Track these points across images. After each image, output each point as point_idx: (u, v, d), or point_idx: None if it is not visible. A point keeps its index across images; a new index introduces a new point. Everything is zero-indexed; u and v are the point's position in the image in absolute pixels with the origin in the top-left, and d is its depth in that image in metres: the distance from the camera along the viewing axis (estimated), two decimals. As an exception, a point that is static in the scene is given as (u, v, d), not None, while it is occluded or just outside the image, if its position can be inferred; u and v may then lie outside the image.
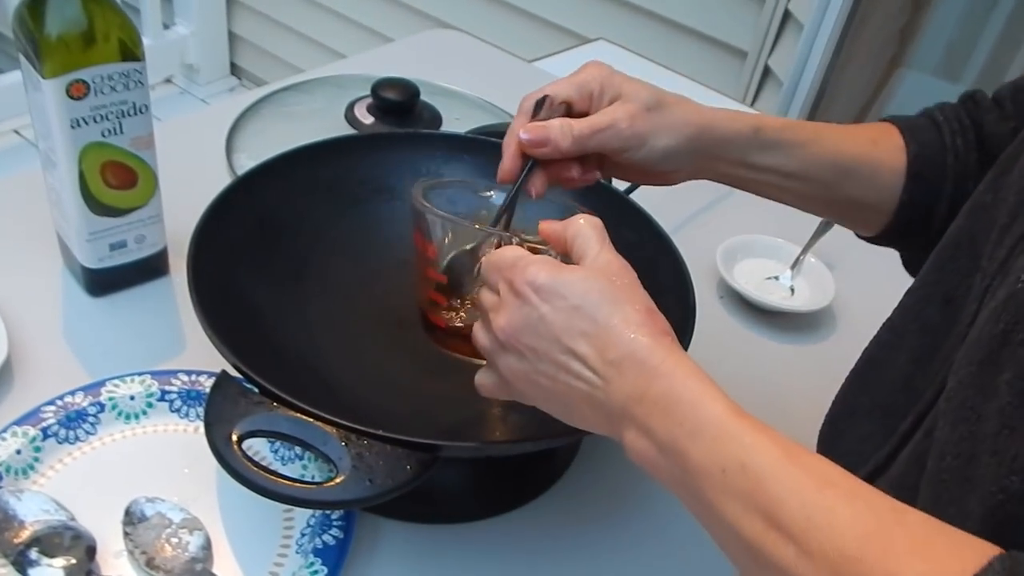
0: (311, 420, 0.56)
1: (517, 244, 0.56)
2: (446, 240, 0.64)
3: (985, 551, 0.37)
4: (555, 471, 0.74)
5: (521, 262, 0.52)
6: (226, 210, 0.72)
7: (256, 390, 0.58)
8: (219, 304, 0.63)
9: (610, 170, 0.68)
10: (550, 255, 0.56)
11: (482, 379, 0.57)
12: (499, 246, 0.58)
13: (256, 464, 0.54)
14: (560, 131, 0.63)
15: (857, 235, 0.75)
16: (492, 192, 0.69)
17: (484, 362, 0.58)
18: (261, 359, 0.60)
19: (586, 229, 0.54)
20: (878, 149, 0.68)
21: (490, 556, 0.68)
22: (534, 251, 0.55)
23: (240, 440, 0.55)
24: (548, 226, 0.56)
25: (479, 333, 0.56)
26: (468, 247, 0.64)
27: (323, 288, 0.77)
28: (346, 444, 0.55)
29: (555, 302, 0.50)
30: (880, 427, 0.59)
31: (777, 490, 0.41)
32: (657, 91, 0.66)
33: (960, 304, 0.54)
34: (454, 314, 0.64)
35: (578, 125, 0.63)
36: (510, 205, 0.64)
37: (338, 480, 0.53)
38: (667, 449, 0.46)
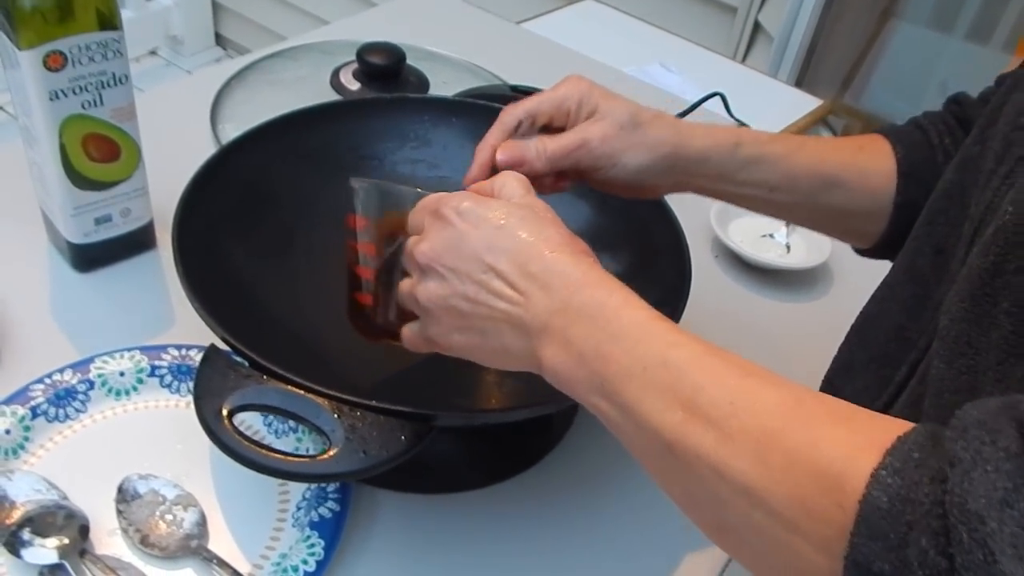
0: (302, 392, 0.55)
1: None
2: (373, 209, 0.64)
3: (907, 425, 0.37)
4: (552, 439, 0.74)
5: (445, 196, 0.53)
6: (211, 180, 0.71)
7: (246, 363, 0.57)
8: (206, 276, 0.62)
9: (591, 183, 0.68)
10: None
11: (406, 330, 0.57)
12: None
13: (247, 438, 0.53)
14: (535, 152, 0.63)
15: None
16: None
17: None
18: (250, 332, 0.59)
19: (512, 179, 0.54)
20: (864, 154, 0.68)
21: (488, 525, 0.68)
22: None
23: (231, 414, 0.54)
24: (477, 185, 0.57)
25: (404, 285, 0.55)
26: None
27: (311, 258, 0.76)
28: (339, 416, 0.54)
29: (478, 223, 0.50)
30: (875, 379, 0.59)
31: (699, 379, 0.41)
32: (634, 108, 0.65)
33: (950, 254, 0.54)
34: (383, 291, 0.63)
35: (552, 145, 0.64)
36: None
37: (331, 453, 0.52)
38: (587, 356, 0.45)
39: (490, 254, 0.49)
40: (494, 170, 0.64)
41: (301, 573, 0.59)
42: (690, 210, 0.79)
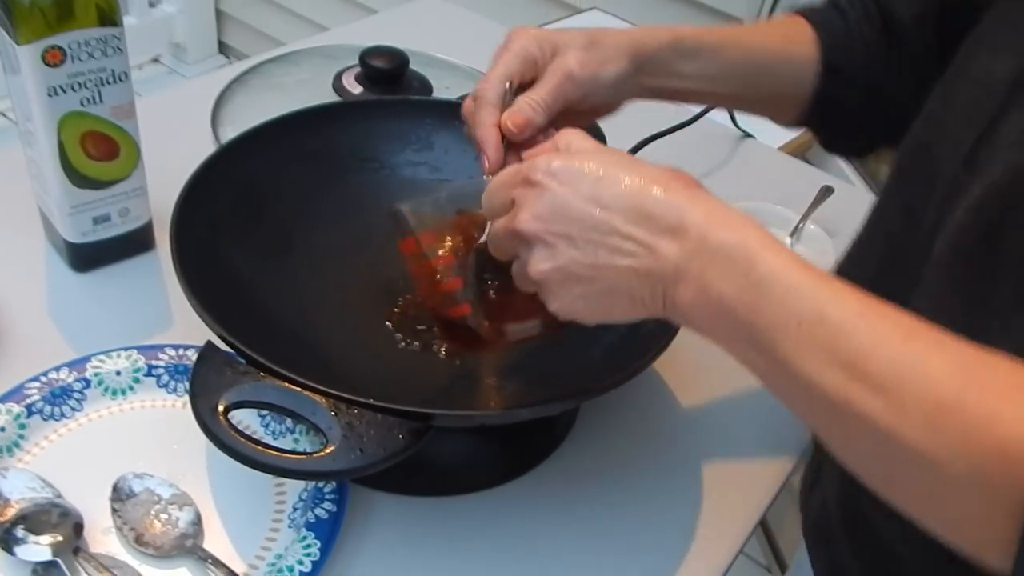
0: (299, 390, 0.54)
1: None
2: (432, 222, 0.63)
3: None
4: (552, 442, 0.73)
5: (527, 164, 0.50)
6: (210, 179, 0.71)
7: (242, 360, 0.57)
8: (203, 274, 0.62)
9: (580, 120, 0.67)
10: None
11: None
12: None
13: (243, 434, 0.52)
14: (532, 107, 0.62)
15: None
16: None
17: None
18: (247, 329, 0.58)
19: (572, 133, 0.53)
20: (792, 44, 0.71)
21: (485, 528, 0.67)
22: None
23: (227, 411, 0.53)
24: (536, 148, 0.55)
25: (514, 266, 0.54)
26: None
27: (310, 258, 0.76)
28: (335, 414, 0.53)
29: (576, 180, 0.48)
30: None
31: (861, 341, 0.40)
32: (585, 31, 0.66)
33: (920, 212, 0.55)
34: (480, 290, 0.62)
35: (541, 93, 0.63)
36: None
37: (327, 450, 0.52)
38: (730, 304, 0.44)
39: (600, 208, 0.47)
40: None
41: (296, 573, 0.58)
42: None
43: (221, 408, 0.53)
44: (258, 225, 0.74)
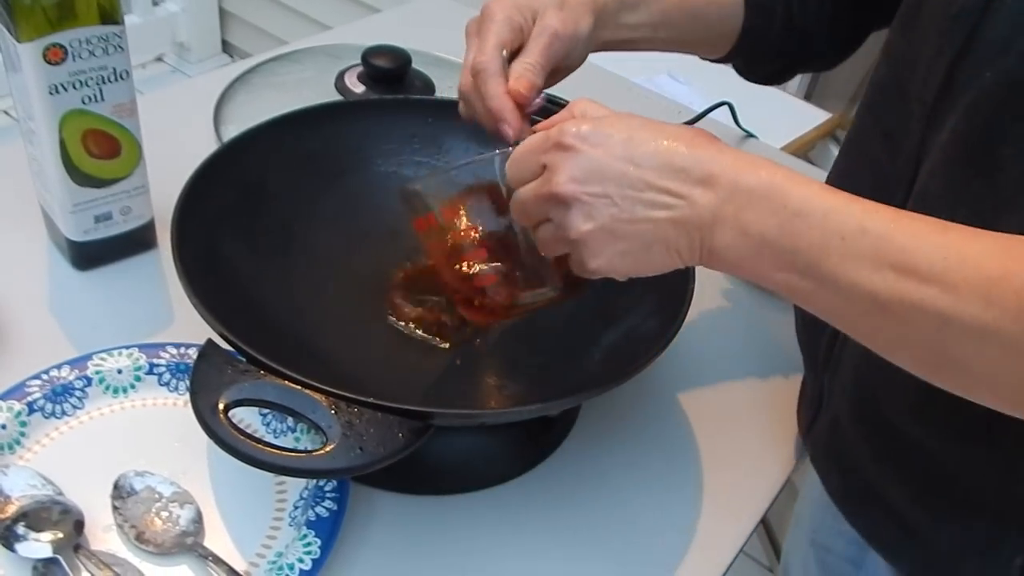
0: (299, 388, 0.54)
1: None
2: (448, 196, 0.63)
3: None
4: (553, 440, 0.73)
5: (554, 131, 0.52)
6: (212, 177, 0.71)
7: (243, 359, 0.57)
8: (204, 273, 0.62)
9: (562, 76, 0.71)
10: None
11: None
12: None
13: (243, 432, 0.52)
14: (532, 71, 0.64)
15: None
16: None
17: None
18: (247, 327, 0.58)
19: (586, 101, 0.55)
20: None
21: (486, 527, 0.67)
22: None
23: (227, 409, 0.53)
24: (548, 120, 0.56)
25: (541, 231, 0.55)
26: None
27: (310, 257, 0.76)
28: (335, 412, 0.53)
29: (607, 142, 0.50)
30: None
31: (903, 241, 0.44)
32: None
33: (900, 136, 0.59)
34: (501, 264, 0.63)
35: (534, 56, 0.65)
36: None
37: (327, 449, 0.52)
38: (770, 236, 0.47)
39: (634, 167, 0.49)
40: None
41: (297, 572, 0.58)
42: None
43: (221, 406, 0.53)
44: (259, 224, 0.74)
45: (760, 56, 0.80)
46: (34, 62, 0.69)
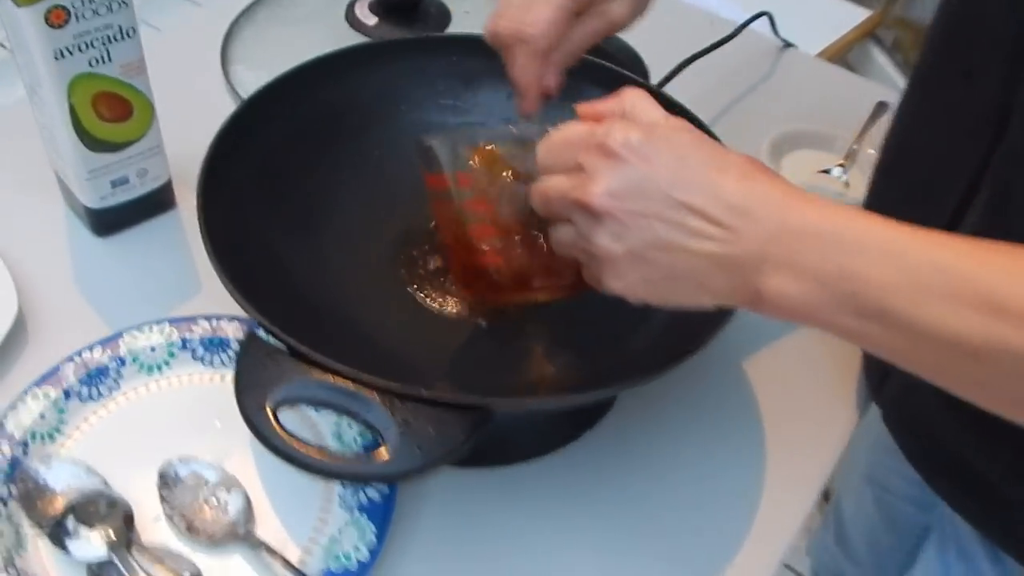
0: (351, 384, 0.51)
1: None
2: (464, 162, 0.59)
3: None
4: (604, 405, 0.70)
5: (599, 128, 0.47)
6: (229, 150, 0.67)
7: (287, 351, 0.54)
8: (237, 259, 0.58)
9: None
10: None
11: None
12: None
13: (296, 438, 0.50)
14: (571, 63, 0.62)
15: None
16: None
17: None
18: (286, 314, 0.56)
19: (642, 99, 0.50)
20: None
21: (538, 496, 0.65)
22: None
23: (275, 410, 0.51)
24: (594, 104, 0.52)
25: (560, 231, 0.51)
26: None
27: (338, 229, 0.72)
28: (391, 411, 0.51)
29: (656, 158, 0.46)
30: (920, 213, 0.56)
31: (984, 276, 0.40)
32: None
33: (981, 74, 0.54)
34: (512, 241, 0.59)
35: (581, 46, 0.63)
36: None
37: (384, 450, 0.49)
38: (829, 278, 0.43)
39: (680, 191, 0.45)
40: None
41: (354, 561, 0.57)
42: (740, 145, 0.75)
43: (270, 409, 0.51)
44: (283, 196, 0.70)
45: None
46: (36, 27, 0.65)
